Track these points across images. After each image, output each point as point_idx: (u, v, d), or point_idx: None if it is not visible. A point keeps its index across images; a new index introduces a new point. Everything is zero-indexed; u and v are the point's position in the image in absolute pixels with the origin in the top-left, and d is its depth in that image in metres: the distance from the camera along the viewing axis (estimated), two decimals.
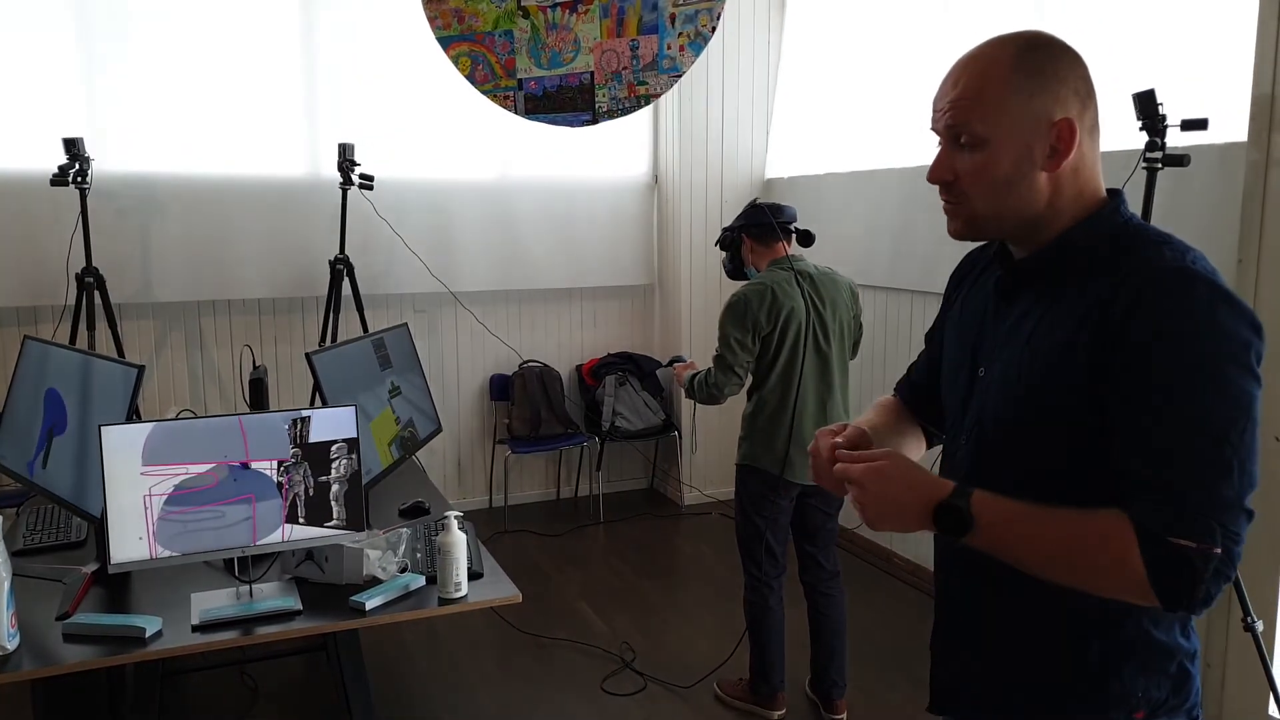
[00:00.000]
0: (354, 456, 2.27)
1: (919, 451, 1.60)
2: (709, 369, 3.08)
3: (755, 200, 3.25)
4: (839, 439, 1.38)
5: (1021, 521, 1.15)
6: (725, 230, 3.24)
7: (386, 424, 3.04)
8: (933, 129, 1.27)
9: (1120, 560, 1.08)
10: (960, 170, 1.23)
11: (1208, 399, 1.08)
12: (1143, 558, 1.07)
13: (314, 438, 2.23)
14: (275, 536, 2.20)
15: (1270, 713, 2.74)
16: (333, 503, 2.24)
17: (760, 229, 3.12)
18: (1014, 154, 1.20)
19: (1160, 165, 2.58)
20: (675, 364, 3.42)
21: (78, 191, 3.96)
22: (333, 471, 2.24)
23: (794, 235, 3.18)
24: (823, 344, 3.06)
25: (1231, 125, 2.79)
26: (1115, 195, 1.27)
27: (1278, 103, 2.64)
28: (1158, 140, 2.56)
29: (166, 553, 2.11)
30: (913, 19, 4.24)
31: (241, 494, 2.17)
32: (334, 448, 2.24)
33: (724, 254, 3.29)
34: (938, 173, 1.26)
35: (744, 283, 3.15)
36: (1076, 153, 1.20)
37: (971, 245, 1.48)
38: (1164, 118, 2.55)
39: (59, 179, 3.88)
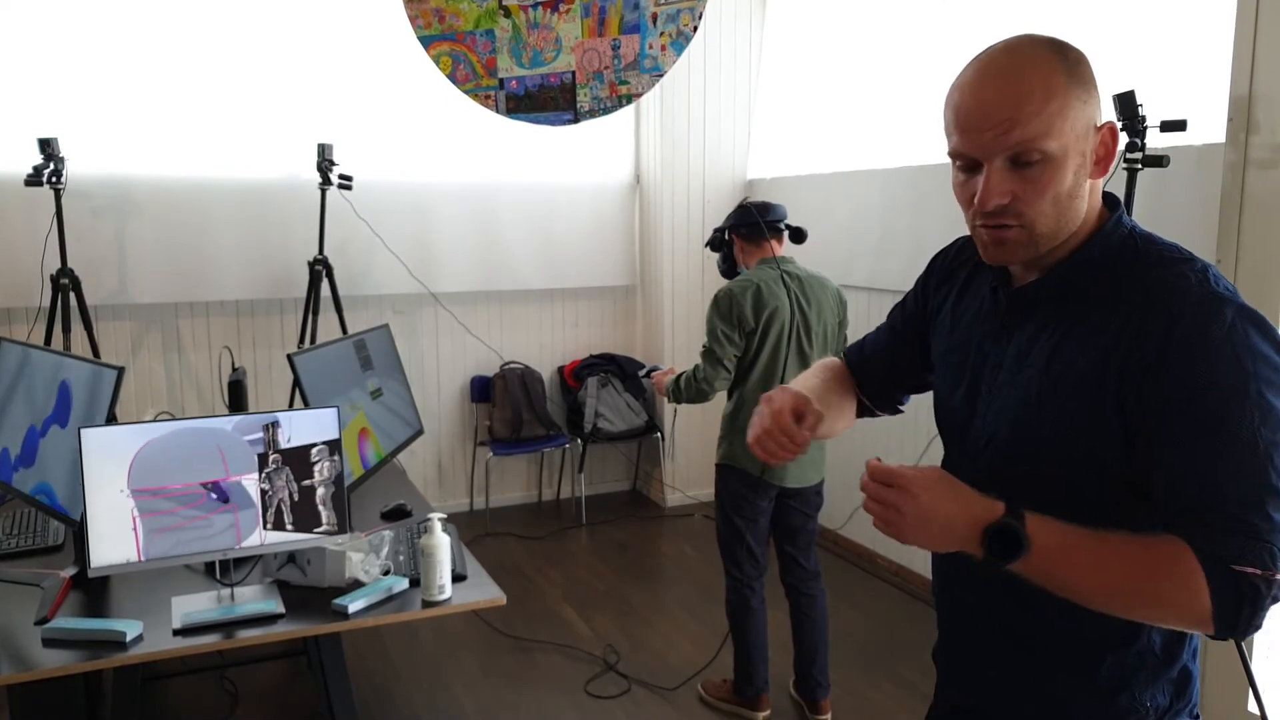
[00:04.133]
0: (336, 458, 2.25)
1: (847, 422, 1.56)
2: (696, 365, 3.07)
3: (745, 200, 3.25)
4: (800, 425, 1.31)
5: (1079, 548, 1.09)
6: (715, 231, 3.24)
7: (359, 427, 3.02)
8: (972, 152, 1.15)
9: (1188, 590, 1.05)
10: (1019, 190, 1.13)
11: (1252, 425, 1.06)
12: (1210, 587, 1.04)
13: (297, 441, 2.21)
14: (255, 540, 2.18)
15: (1249, 709, 2.77)
16: (320, 506, 2.22)
17: (748, 228, 3.12)
18: (1075, 165, 1.14)
19: (1140, 166, 2.61)
20: (653, 373, 3.40)
21: (52, 192, 3.91)
22: (315, 475, 2.22)
23: (785, 233, 3.18)
24: (805, 346, 3.06)
25: (1210, 126, 2.82)
26: (1115, 204, 1.24)
27: (1255, 104, 2.67)
28: (1138, 141, 2.58)
29: (147, 556, 2.08)
30: (895, 20, 4.26)
31: (222, 498, 2.15)
32: (314, 450, 2.22)
33: (717, 255, 3.28)
34: (996, 197, 1.13)
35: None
36: None
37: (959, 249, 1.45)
38: (1144, 119, 2.58)
39: (33, 179, 3.83)
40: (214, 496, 2.13)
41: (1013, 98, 1.11)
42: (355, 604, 2.15)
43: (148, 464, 2.08)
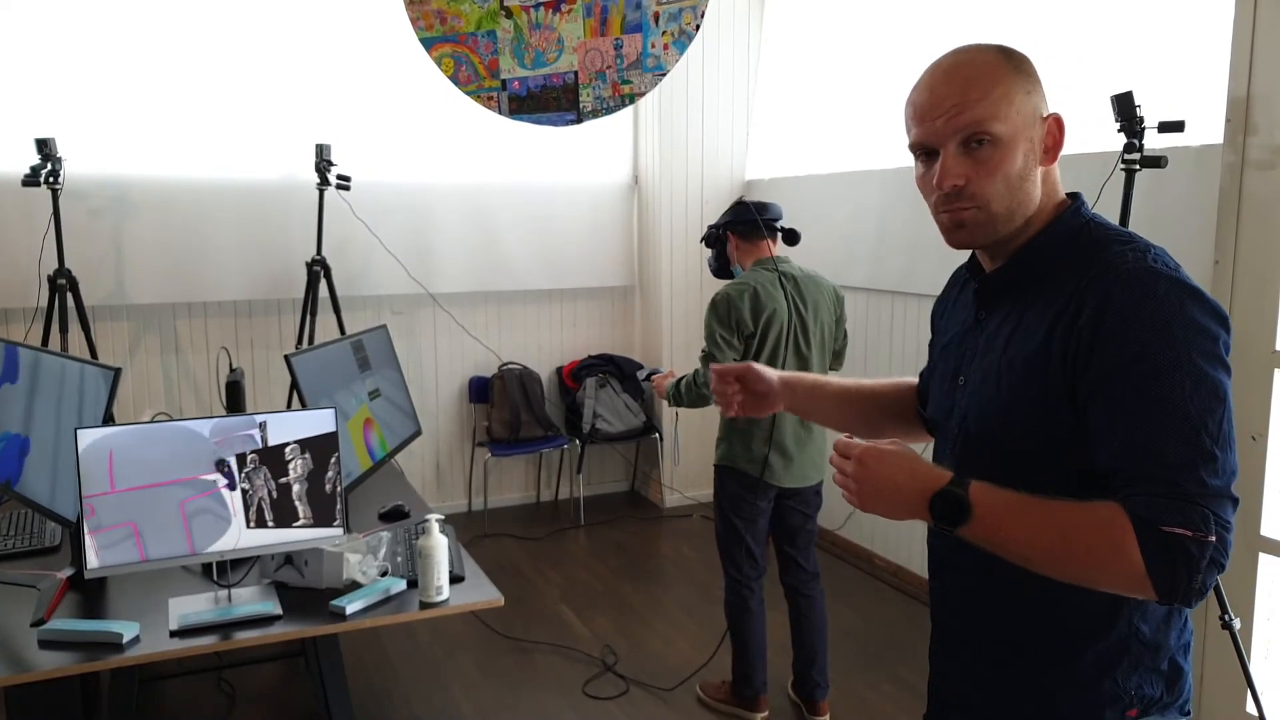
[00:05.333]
0: (307, 455, 2.23)
1: (912, 440, 1.62)
2: (695, 370, 3.05)
3: (741, 198, 3.23)
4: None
5: (1018, 512, 1.14)
6: (711, 228, 3.22)
7: (363, 418, 3.01)
8: (927, 140, 1.25)
9: (1119, 549, 1.08)
10: (972, 173, 1.22)
11: (1183, 392, 1.10)
12: (1140, 548, 1.07)
13: (279, 440, 2.21)
14: (233, 539, 2.16)
15: (1248, 709, 2.77)
16: (296, 502, 2.22)
17: (746, 226, 3.10)
18: (1023, 149, 1.23)
19: (1138, 167, 2.60)
20: (653, 376, 3.35)
21: (49, 192, 3.90)
22: (291, 473, 2.22)
23: (779, 234, 3.17)
24: (803, 347, 3.06)
25: (1208, 127, 2.82)
26: (1075, 196, 1.31)
27: (1253, 105, 2.67)
28: (1135, 142, 2.58)
29: (137, 558, 2.08)
30: (893, 21, 4.26)
31: (211, 498, 2.15)
32: (288, 449, 2.22)
33: (710, 252, 3.26)
34: (951, 178, 1.23)
35: (727, 281, 3.14)
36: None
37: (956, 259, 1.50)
38: (1141, 119, 2.58)
39: (30, 179, 3.82)
40: (188, 497, 2.13)
41: (959, 86, 1.22)
42: (353, 605, 2.15)
43: (106, 464, 2.07)
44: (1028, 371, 1.22)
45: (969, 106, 1.21)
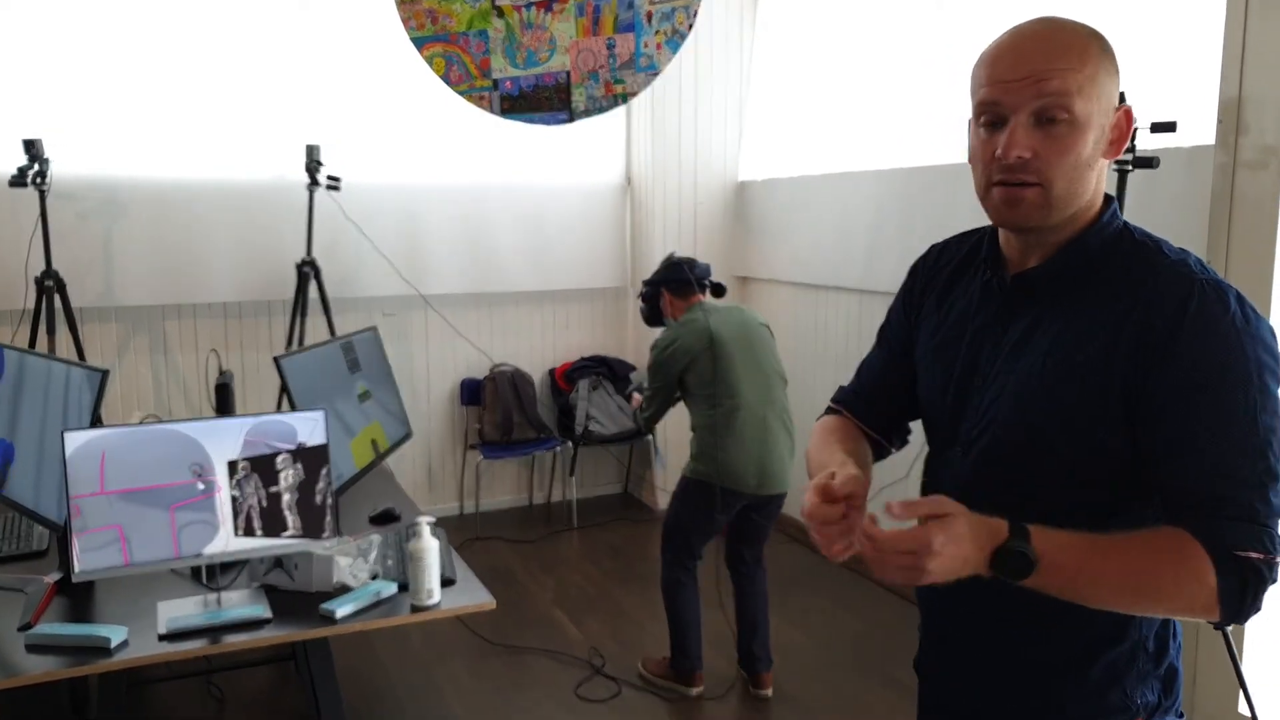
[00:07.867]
0: (299, 465, 2.22)
1: (871, 467, 1.47)
2: (639, 406, 3.45)
3: (672, 256, 3.46)
4: (834, 500, 1.19)
5: (1089, 558, 1.09)
6: (645, 284, 3.47)
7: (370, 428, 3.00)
8: (1002, 99, 1.15)
9: (1198, 578, 1.06)
10: (1041, 147, 1.14)
11: (1256, 412, 1.09)
12: (1216, 574, 1.05)
13: (275, 447, 2.20)
14: (221, 545, 2.15)
15: (1240, 710, 2.77)
16: (286, 512, 2.20)
17: (679, 284, 3.36)
18: (1094, 135, 1.15)
19: (1130, 168, 2.61)
20: (634, 393, 3.67)
21: (37, 193, 3.88)
22: (281, 482, 2.20)
23: (708, 289, 3.41)
24: (759, 354, 3.26)
25: (1199, 128, 2.83)
26: (1109, 199, 1.26)
27: (1244, 106, 2.67)
28: (1128, 143, 2.58)
29: (130, 560, 2.06)
30: (887, 22, 4.26)
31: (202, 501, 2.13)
32: (279, 459, 2.20)
33: (642, 305, 3.51)
34: (1018, 148, 1.13)
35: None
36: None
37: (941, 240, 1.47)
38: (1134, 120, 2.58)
39: (17, 180, 3.80)
40: (178, 501, 2.11)
41: (1051, 53, 1.14)
42: (343, 609, 2.13)
43: (97, 465, 2.05)
44: (1080, 375, 1.16)
45: (1056, 75, 1.12)
